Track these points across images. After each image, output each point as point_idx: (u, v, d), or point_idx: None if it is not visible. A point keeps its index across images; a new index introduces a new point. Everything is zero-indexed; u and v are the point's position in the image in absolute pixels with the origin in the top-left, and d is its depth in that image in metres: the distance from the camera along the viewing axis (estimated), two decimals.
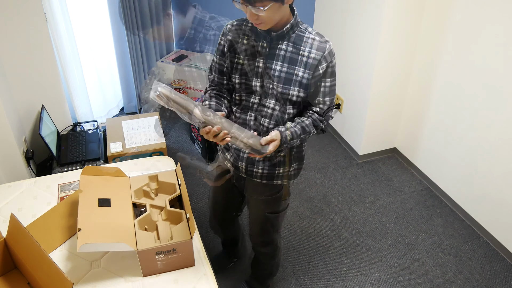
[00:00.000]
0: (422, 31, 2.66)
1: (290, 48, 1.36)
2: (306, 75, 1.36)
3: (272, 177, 1.57)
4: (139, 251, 1.30)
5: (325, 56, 1.35)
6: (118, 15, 3.18)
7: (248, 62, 1.41)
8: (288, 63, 1.37)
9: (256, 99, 1.45)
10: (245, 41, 1.41)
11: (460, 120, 2.51)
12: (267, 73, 1.39)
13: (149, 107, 3.66)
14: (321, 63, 1.35)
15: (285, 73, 1.37)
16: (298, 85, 1.38)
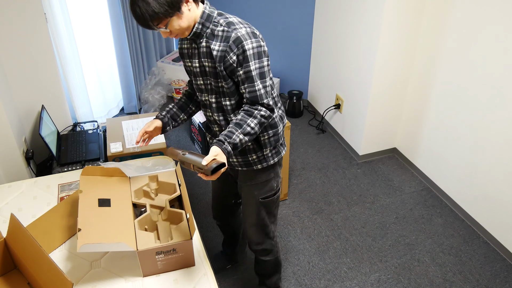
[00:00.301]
0: (422, 31, 2.66)
1: (205, 43, 1.42)
2: (220, 68, 1.40)
3: (250, 164, 1.61)
4: (139, 251, 1.30)
5: (230, 45, 1.36)
6: (118, 15, 3.18)
7: (190, 64, 1.52)
8: (209, 58, 1.42)
9: (205, 96, 1.55)
10: (185, 45, 1.51)
11: (460, 120, 2.51)
12: (202, 71, 1.48)
13: (149, 107, 3.66)
14: (227, 53, 1.37)
15: (210, 68, 1.43)
16: (222, 78, 1.42)
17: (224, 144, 1.37)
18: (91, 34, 3.19)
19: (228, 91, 1.45)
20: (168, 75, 3.88)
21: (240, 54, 1.36)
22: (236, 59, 1.36)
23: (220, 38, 1.38)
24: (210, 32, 1.40)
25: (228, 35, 1.36)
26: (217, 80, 1.44)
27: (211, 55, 1.40)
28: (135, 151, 2.60)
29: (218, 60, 1.39)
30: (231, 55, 1.36)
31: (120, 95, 3.64)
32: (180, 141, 3.34)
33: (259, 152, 1.59)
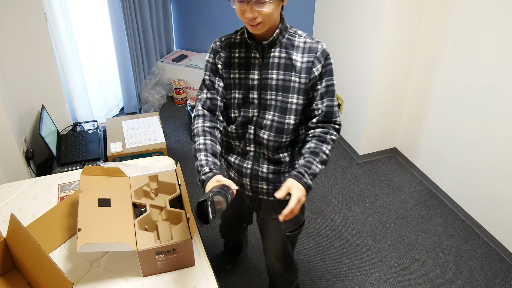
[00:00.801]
0: (422, 31, 2.66)
1: (283, 54, 1.31)
2: (303, 80, 1.31)
3: None
4: (139, 251, 1.30)
5: (318, 57, 1.30)
6: (118, 15, 3.18)
7: (244, 76, 1.36)
8: (284, 70, 1.31)
9: (254, 112, 1.38)
10: (237, 54, 1.36)
11: (460, 120, 2.51)
12: (264, 84, 1.33)
13: (149, 107, 3.66)
14: (314, 65, 1.30)
15: (282, 80, 1.32)
16: (297, 92, 1.32)
17: (304, 178, 1.26)
18: (91, 34, 3.19)
19: (296, 107, 1.33)
20: (168, 75, 3.88)
21: (325, 67, 1.31)
22: (321, 71, 1.31)
23: (302, 49, 1.30)
24: (288, 43, 1.31)
25: (314, 46, 1.30)
26: (288, 95, 1.32)
27: (290, 67, 1.30)
28: (135, 151, 2.60)
29: (303, 71, 1.30)
30: (318, 66, 1.30)
31: (120, 95, 3.64)
32: (180, 141, 3.34)
33: None
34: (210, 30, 3.93)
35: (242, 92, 1.37)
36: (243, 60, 1.35)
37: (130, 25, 3.30)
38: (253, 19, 1.21)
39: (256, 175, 1.46)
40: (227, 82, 1.38)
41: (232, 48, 1.36)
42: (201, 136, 1.34)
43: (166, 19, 3.84)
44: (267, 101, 1.35)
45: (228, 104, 1.42)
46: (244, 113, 1.39)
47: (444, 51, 2.52)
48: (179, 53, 4.02)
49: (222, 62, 1.37)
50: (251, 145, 1.44)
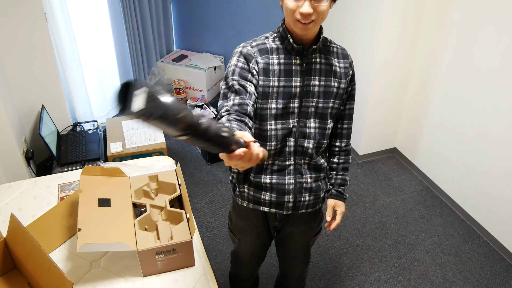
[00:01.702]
0: (422, 31, 2.66)
1: (323, 60, 1.30)
2: (343, 85, 1.34)
3: (317, 202, 1.46)
4: (139, 251, 1.30)
5: (351, 62, 1.38)
6: (118, 15, 3.18)
7: (284, 84, 1.26)
8: (325, 76, 1.30)
9: (294, 122, 1.30)
10: (275, 61, 1.25)
11: (460, 120, 2.51)
12: (306, 91, 1.28)
13: None
14: (349, 70, 1.36)
15: (323, 87, 1.30)
16: (335, 97, 1.33)
17: (343, 195, 1.47)
18: (91, 34, 3.19)
19: (332, 111, 1.34)
20: (168, 75, 3.88)
21: (353, 73, 1.39)
22: (352, 76, 1.38)
23: (337, 55, 1.35)
24: (325, 49, 1.33)
25: (345, 52, 1.37)
26: (329, 100, 1.32)
27: (331, 73, 1.31)
28: (135, 151, 2.60)
29: (343, 77, 1.33)
30: (351, 72, 1.37)
31: None
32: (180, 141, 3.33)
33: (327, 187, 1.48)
34: (210, 30, 3.93)
35: (283, 102, 1.27)
36: (283, 67, 1.26)
37: (130, 25, 3.30)
38: (308, 16, 1.16)
39: (300, 188, 1.39)
40: (265, 91, 1.25)
41: (269, 54, 1.26)
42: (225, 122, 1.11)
43: (166, 19, 3.84)
44: (308, 108, 1.30)
45: (262, 115, 1.28)
46: (283, 126, 1.30)
47: (444, 51, 2.52)
48: (179, 53, 4.02)
49: (260, 68, 1.24)
50: (290, 159, 1.35)
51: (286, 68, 1.26)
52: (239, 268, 1.77)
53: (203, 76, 3.72)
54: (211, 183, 2.88)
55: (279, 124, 1.29)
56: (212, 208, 2.66)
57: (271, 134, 1.30)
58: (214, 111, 3.22)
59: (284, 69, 1.26)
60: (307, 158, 1.36)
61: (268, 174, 1.36)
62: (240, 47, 1.28)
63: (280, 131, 1.30)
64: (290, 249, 1.64)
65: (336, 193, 1.47)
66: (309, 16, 1.16)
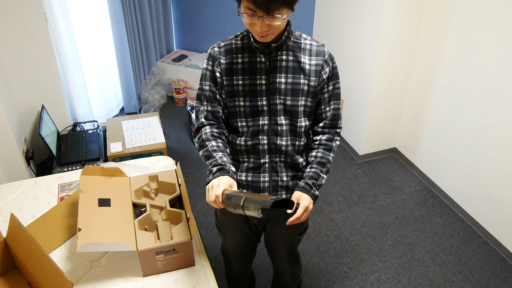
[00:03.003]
0: (422, 31, 2.66)
1: (291, 57, 1.28)
2: (313, 83, 1.29)
3: None
4: (139, 251, 1.30)
5: (326, 60, 1.29)
6: (118, 15, 3.18)
7: (249, 82, 1.29)
8: (292, 73, 1.28)
9: (265, 120, 1.32)
10: (240, 60, 1.29)
11: (460, 120, 2.51)
12: (272, 89, 1.29)
13: (149, 107, 3.66)
14: (323, 68, 1.29)
15: (291, 84, 1.29)
16: (306, 95, 1.30)
17: (312, 190, 1.30)
18: (91, 34, 3.19)
19: (305, 109, 1.32)
20: (168, 75, 3.88)
21: (332, 70, 1.31)
22: (328, 75, 1.31)
23: (309, 52, 1.29)
24: (295, 45, 1.28)
25: (321, 49, 1.30)
26: (298, 98, 1.29)
27: (298, 70, 1.28)
28: (135, 151, 2.60)
29: (313, 74, 1.28)
30: (326, 69, 1.30)
31: (120, 95, 3.64)
32: (180, 141, 3.34)
33: None
34: (210, 30, 3.93)
35: (249, 100, 1.30)
36: (247, 65, 1.28)
37: (130, 25, 3.30)
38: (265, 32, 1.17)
39: (276, 186, 1.40)
40: (230, 90, 1.30)
41: (234, 54, 1.30)
42: (212, 140, 1.31)
43: (166, 19, 3.84)
44: (277, 106, 1.31)
45: (232, 113, 1.34)
46: (254, 123, 1.33)
47: (444, 51, 2.52)
48: (179, 53, 4.03)
49: (223, 69, 1.30)
50: (265, 156, 1.37)
51: (251, 67, 1.28)
52: (229, 265, 1.80)
53: None
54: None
55: (250, 122, 1.33)
56: (212, 208, 2.66)
57: (242, 131, 1.35)
58: None
59: (249, 67, 1.28)
60: (282, 156, 1.37)
61: (244, 172, 1.39)
62: (210, 48, 1.34)
63: (251, 128, 1.34)
64: (276, 249, 1.66)
65: (304, 185, 1.31)
66: (265, 32, 1.17)
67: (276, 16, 1.12)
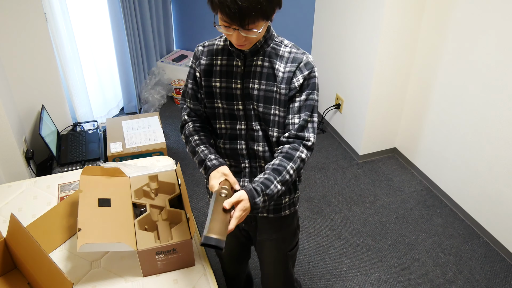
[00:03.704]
0: (422, 30, 2.66)
1: (266, 63, 1.22)
2: (283, 91, 1.21)
3: (279, 209, 1.41)
4: (139, 251, 1.30)
5: (300, 67, 1.20)
6: (118, 15, 3.18)
7: (225, 85, 1.26)
8: (266, 80, 1.23)
9: (242, 125, 1.30)
10: (219, 62, 1.27)
11: (460, 120, 2.51)
12: (246, 94, 1.25)
13: (149, 107, 3.66)
14: (295, 75, 1.21)
15: (263, 91, 1.23)
16: (278, 103, 1.23)
17: (257, 198, 1.15)
18: (91, 34, 3.19)
19: (278, 119, 1.25)
20: (168, 75, 3.88)
21: (307, 80, 1.21)
22: (302, 83, 1.21)
23: (286, 60, 1.22)
24: (273, 52, 1.23)
25: (298, 57, 1.22)
26: (271, 106, 1.24)
27: (272, 77, 1.22)
28: (135, 151, 2.60)
29: (284, 82, 1.21)
30: (298, 77, 1.21)
31: (120, 95, 3.64)
32: (180, 141, 3.34)
33: (292, 194, 1.41)
34: (210, 30, 3.93)
35: (226, 103, 1.28)
36: (225, 68, 1.26)
37: (130, 25, 3.30)
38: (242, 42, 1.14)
39: None
40: (208, 91, 1.30)
41: (214, 55, 1.28)
42: (195, 135, 1.33)
43: (166, 19, 3.84)
44: (251, 111, 1.27)
45: (211, 114, 1.33)
46: (231, 126, 1.31)
47: (444, 51, 2.52)
48: (179, 53, 4.03)
49: (202, 69, 1.29)
50: (245, 161, 1.35)
51: (228, 70, 1.26)
52: (223, 266, 1.80)
53: None
54: None
55: (228, 124, 1.32)
56: None
57: (221, 133, 1.35)
58: None
59: (226, 70, 1.26)
60: (262, 161, 1.33)
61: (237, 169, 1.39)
62: (196, 47, 1.34)
63: (229, 131, 1.33)
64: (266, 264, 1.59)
65: (251, 189, 1.16)
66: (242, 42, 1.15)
67: (252, 30, 1.09)
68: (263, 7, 1.06)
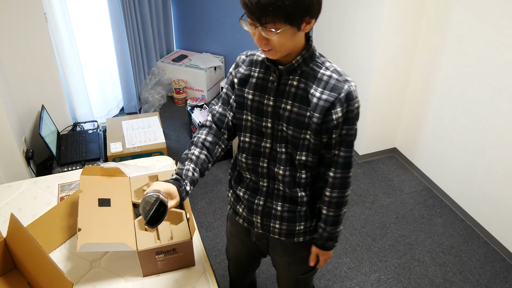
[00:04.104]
0: (422, 31, 2.66)
1: (302, 85, 1.13)
2: (315, 120, 1.12)
3: (292, 234, 1.35)
4: (139, 251, 1.30)
5: (340, 98, 1.10)
6: (118, 15, 3.18)
7: (258, 99, 1.20)
8: (299, 103, 1.14)
9: (267, 143, 1.24)
10: (256, 74, 1.21)
11: (460, 120, 2.51)
12: (277, 113, 1.18)
13: (149, 107, 3.66)
14: (334, 107, 1.11)
15: (295, 114, 1.15)
16: (309, 129, 1.15)
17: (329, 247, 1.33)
18: (91, 34, 3.19)
19: (308, 144, 1.18)
20: (168, 75, 3.88)
21: (347, 113, 1.12)
22: (341, 116, 1.12)
23: (324, 85, 1.11)
24: (311, 73, 1.13)
25: (340, 85, 1.11)
26: (301, 131, 1.16)
27: (306, 101, 1.13)
28: (135, 151, 2.60)
29: (318, 110, 1.11)
30: (337, 110, 1.11)
31: (120, 95, 3.64)
32: (180, 141, 3.34)
33: (309, 222, 1.34)
34: (210, 30, 3.93)
35: (255, 117, 1.22)
36: (260, 81, 1.20)
37: (130, 25, 3.30)
38: (263, 45, 1.07)
39: (268, 213, 1.33)
40: (240, 101, 1.24)
41: (253, 66, 1.22)
42: (198, 148, 1.27)
43: (166, 19, 3.84)
44: (279, 132, 1.20)
45: (239, 125, 1.28)
46: (256, 142, 1.26)
47: (444, 51, 2.52)
48: (179, 53, 4.02)
49: (239, 78, 1.24)
50: (264, 180, 1.30)
51: (263, 84, 1.20)
52: (229, 267, 1.79)
53: (203, 76, 3.72)
54: (211, 183, 2.88)
55: (253, 139, 1.26)
56: (212, 208, 2.66)
57: (244, 146, 1.29)
58: None
59: (261, 84, 1.20)
60: (280, 184, 1.28)
61: (244, 188, 1.36)
62: (239, 55, 1.29)
63: (253, 147, 1.27)
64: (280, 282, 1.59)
65: (322, 244, 1.32)
66: (264, 45, 1.06)
67: (270, 29, 1.00)
68: (284, 6, 0.97)
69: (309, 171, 1.24)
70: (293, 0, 0.97)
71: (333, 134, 1.15)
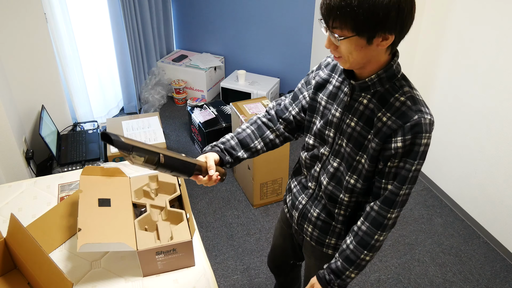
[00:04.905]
0: (422, 31, 2.66)
1: (371, 105, 1.05)
2: (374, 144, 1.04)
3: (322, 243, 1.32)
4: (139, 251, 1.31)
5: (405, 128, 0.99)
6: (118, 15, 3.18)
7: (329, 106, 1.16)
8: (364, 123, 1.07)
9: (325, 151, 1.19)
10: (334, 80, 1.16)
11: (460, 120, 2.51)
12: (341, 127, 1.13)
13: (149, 107, 3.66)
14: (395, 135, 1.01)
15: (357, 133, 1.08)
16: (367, 153, 1.08)
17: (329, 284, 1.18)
18: (91, 34, 3.19)
19: (361, 168, 1.11)
20: (168, 75, 3.88)
21: (409, 145, 1.02)
22: (402, 147, 1.02)
23: (394, 110, 1.01)
24: (384, 95, 1.04)
25: (409, 114, 1.00)
26: (358, 152, 1.10)
27: (370, 123, 1.05)
28: None
29: (379, 136, 1.03)
30: (398, 139, 1.01)
31: (120, 95, 3.64)
32: (180, 141, 3.34)
33: (341, 241, 1.28)
34: (210, 30, 3.93)
35: (322, 124, 1.18)
36: (335, 90, 1.15)
37: (130, 25, 3.30)
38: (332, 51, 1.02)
39: (305, 215, 1.32)
40: (313, 104, 1.21)
41: (333, 72, 1.18)
42: (248, 123, 1.29)
43: (166, 19, 3.84)
44: (338, 146, 1.15)
45: (308, 127, 1.25)
46: (318, 146, 1.23)
47: (444, 51, 2.52)
48: (179, 53, 4.03)
49: (316, 81, 1.20)
50: (313, 183, 1.27)
51: (336, 92, 1.15)
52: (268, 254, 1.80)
53: (203, 76, 3.72)
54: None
55: (316, 143, 1.23)
56: (212, 208, 2.66)
57: (308, 147, 1.27)
58: (214, 111, 3.22)
59: (336, 93, 1.15)
60: (322, 194, 1.24)
61: (296, 182, 1.37)
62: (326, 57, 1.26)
63: (314, 149, 1.24)
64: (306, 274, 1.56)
65: (322, 277, 1.20)
66: (333, 51, 1.02)
67: (334, 33, 0.95)
68: (353, 12, 0.90)
69: (353, 197, 1.17)
70: (365, 9, 0.89)
71: (389, 162, 1.05)
